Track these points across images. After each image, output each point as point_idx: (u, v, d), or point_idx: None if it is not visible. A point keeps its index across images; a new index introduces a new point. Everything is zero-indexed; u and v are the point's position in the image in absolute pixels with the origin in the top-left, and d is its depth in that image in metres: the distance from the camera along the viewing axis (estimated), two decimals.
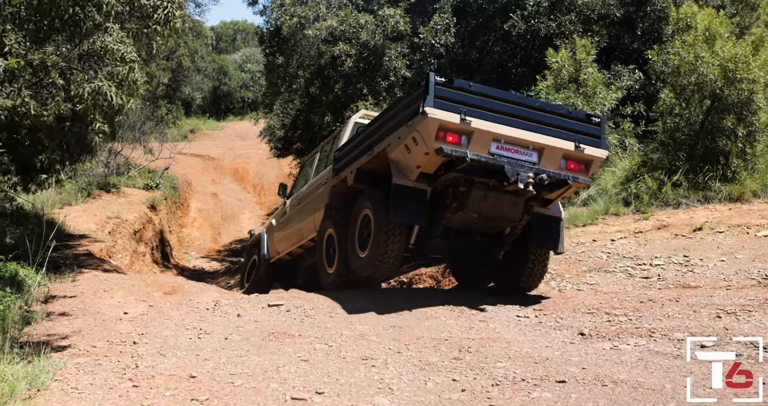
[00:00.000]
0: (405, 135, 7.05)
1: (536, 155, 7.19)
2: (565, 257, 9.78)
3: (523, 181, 6.88)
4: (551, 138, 7.22)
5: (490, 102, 7.08)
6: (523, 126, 7.13)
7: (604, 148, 7.58)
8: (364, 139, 8.03)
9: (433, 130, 6.76)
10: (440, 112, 6.72)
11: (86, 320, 7.07)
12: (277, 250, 10.73)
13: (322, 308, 7.66)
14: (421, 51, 15.46)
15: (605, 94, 13.07)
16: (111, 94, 5.71)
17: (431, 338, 6.35)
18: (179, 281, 9.62)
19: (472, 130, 6.87)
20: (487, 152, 6.98)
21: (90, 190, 16.70)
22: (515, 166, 6.97)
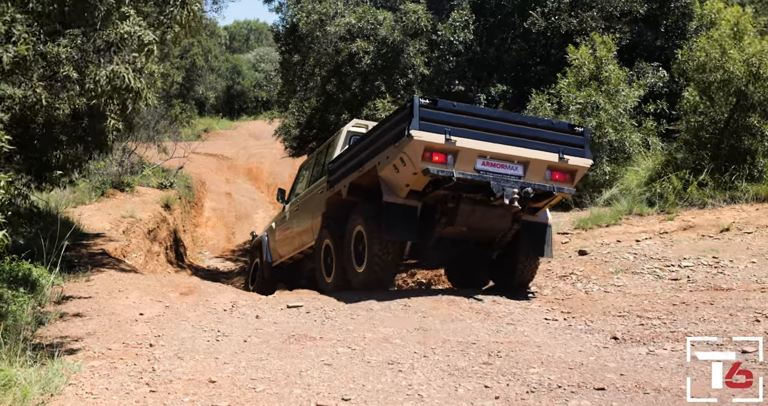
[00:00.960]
0: (393, 155, 7.24)
1: (521, 168, 7.42)
2: (591, 258, 9.53)
3: (508, 197, 7.10)
4: (535, 151, 7.41)
5: (474, 120, 7.29)
6: (507, 141, 7.33)
7: (588, 158, 7.75)
8: (355, 154, 8.18)
9: (419, 152, 6.97)
10: (425, 134, 6.92)
11: (101, 321, 6.88)
12: (279, 253, 10.84)
13: (342, 309, 7.44)
14: (439, 48, 15.23)
15: (628, 92, 12.79)
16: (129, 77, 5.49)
17: (458, 342, 6.11)
18: (195, 281, 9.43)
19: (458, 149, 7.09)
20: (473, 169, 7.22)
21: (104, 189, 16.54)
22: (501, 182, 7.19)
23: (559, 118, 12.57)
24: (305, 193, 10.10)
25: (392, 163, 7.26)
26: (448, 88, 15.58)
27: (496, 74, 15.49)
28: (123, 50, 6.13)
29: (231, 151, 32.00)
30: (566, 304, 7.72)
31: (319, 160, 9.96)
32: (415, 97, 7.06)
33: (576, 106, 12.56)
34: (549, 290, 8.55)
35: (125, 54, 6.17)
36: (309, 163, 10.67)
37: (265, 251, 11.17)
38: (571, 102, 12.64)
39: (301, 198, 10.21)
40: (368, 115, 14.49)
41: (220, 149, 32.09)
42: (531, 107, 13.22)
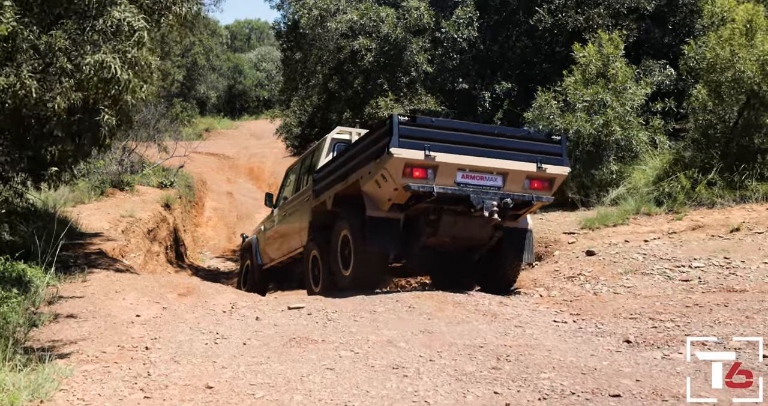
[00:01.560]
0: (375, 171, 7.40)
1: (501, 179, 7.63)
2: (599, 258, 9.31)
3: (488, 209, 7.32)
4: (514, 162, 7.63)
5: (453, 135, 7.46)
6: (486, 153, 7.53)
7: (566, 166, 8.02)
8: (339, 166, 8.38)
9: (400, 168, 7.15)
10: (405, 151, 7.10)
11: (96, 323, 6.67)
12: (269, 256, 11.02)
13: (345, 311, 7.22)
14: (443, 46, 15.02)
15: (635, 90, 12.56)
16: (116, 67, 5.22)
17: (465, 345, 5.89)
18: (194, 281, 9.22)
19: (437, 164, 7.26)
20: (453, 182, 7.41)
21: (103, 188, 16.32)
22: (480, 195, 7.40)
23: (566, 116, 12.38)
24: (293, 198, 10.22)
25: (374, 178, 7.42)
26: (451, 86, 15.37)
27: (501, 72, 15.28)
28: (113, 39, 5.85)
29: (232, 151, 31.79)
30: (575, 305, 7.49)
31: (305, 166, 10.08)
32: (394, 115, 7.17)
33: (583, 104, 12.34)
34: (557, 292, 8.33)
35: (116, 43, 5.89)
36: (295, 167, 10.75)
37: (255, 254, 11.36)
38: (578, 100, 12.43)
39: (289, 203, 10.32)
40: (370, 114, 14.30)
41: (221, 149, 31.88)
42: (536, 105, 13.02)
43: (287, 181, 10.95)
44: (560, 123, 12.32)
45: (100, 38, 6.37)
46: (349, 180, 7.92)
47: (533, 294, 8.36)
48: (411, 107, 14.44)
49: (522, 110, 14.18)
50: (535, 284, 8.73)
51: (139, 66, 6.55)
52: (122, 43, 5.87)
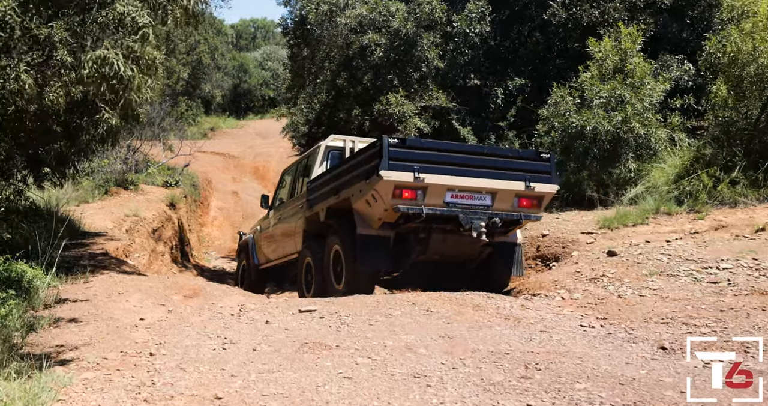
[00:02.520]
0: (365, 191, 7.49)
1: (489, 198, 7.73)
2: (622, 259, 8.94)
3: (476, 230, 7.46)
4: (503, 181, 7.73)
5: (442, 156, 7.54)
6: (475, 174, 7.61)
7: (554, 183, 8.11)
8: (332, 179, 8.50)
9: (389, 190, 7.24)
10: (395, 174, 7.18)
11: (98, 327, 6.33)
12: (266, 256, 11.14)
13: (359, 314, 6.86)
14: (454, 41, 14.65)
15: (653, 86, 12.19)
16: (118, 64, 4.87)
17: (489, 352, 5.53)
18: (200, 283, 8.87)
19: (426, 186, 7.34)
20: (443, 202, 7.50)
21: (107, 187, 16.05)
22: (469, 215, 7.50)
23: (582, 112, 12.02)
24: (288, 202, 10.33)
25: (365, 198, 7.53)
26: (463, 83, 15.01)
27: (513, 68, 14.90)
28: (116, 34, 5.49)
29: (238, 150, 31.49)
30: (600, 309, 7.13)
31: (300, 170, 10.21)
32: (384, 138, 7.21)
33: (600, 100, 11.96)
34: (579, 294, 7.96)
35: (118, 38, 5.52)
36: (290, 169, 10.84)
37: (252, 253, 11.50)
38: (595, 96, 12.05)
39: (284, 207, 10.44)
40: (380, 110, 13.94)
41: (226, 148, 31.58)
42: (552, 101, 12.66)
43: (282, 183, 11.01)
44: (577, 119, 11.96)
45: (102, 32, 6.03)
46: (340, 195, 8.03)
47: (554, 296, 7.99)
48: (422, 104, 14.09)
49: (536, 107, 13.82)
50: (556, 285, 8.36)
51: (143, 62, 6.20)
52: (125, 39, 5.50)
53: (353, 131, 14.75)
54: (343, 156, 9.36)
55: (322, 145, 9.65)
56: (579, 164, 12.41)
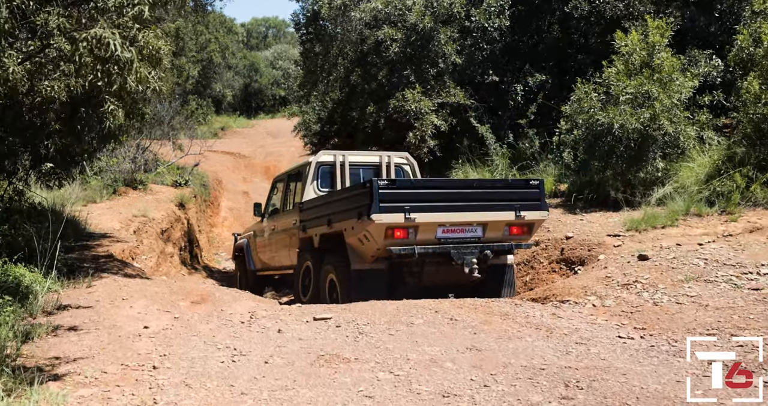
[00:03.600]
0: (357, 229, 7.54)
1: (480, 230, 7.82)
2: (654, 263, 8.43)
3: (468, 266, 7.54)
4: (493, 212, 7.81)
5: (432, 194, 7.63)
6: (465, 208, 7.69)
7: (544, 210, 8.14)
8: (324, 207, 8.60)
9: (381, 232, 7.30)
10: (386, 216, 7.23)
11: (99, 336, 5.89)
12: (262, 263, 11.21)
13: (378, 323, 6.40)
14: (472, 36, 14.14)
15: (682, 81, 11.64)
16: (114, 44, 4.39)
17: (522, 366, 5.06)
18: (209, 288, 8.42)
19: (418, 225, 7.41)
20: (434, 237, 7.58)
21: (116, 186, 15.65)
22: (460, 250, 7.60)
23: (608, 109, 11.49)
24: (281, 214, 10.31)
25: (357, 236, 7.59)
26: (481, 79, 14.50)
27: (533, 63, 14.36)
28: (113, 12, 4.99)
29: (248, 150, 31.07)
30: (637, 318, 6.64)
31: (291, 182, 10.17)
32: (374, 180, 7.27)
33: (626, 97, 11.43)
34: (612, 301, 7.45)
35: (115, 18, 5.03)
36: (282, 177, 10.76)
37: (248, 258, 11.54)
38: (621, 92, 11.52)
39: (277, 219, 10.41)
40: (396, 107, 13.46)
41: (237, 147, 31.17)
42: (575, 98, 12.13)
43: (275, 191, 10.96)
44: (602, 117, 11.43)
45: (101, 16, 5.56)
46: (333, 226, 8.17)
47: (585, 303, 7.49)
48: (439, 101, 13.59)
49: (557, 104, 13.32)
50: (586, 291, 7.86)
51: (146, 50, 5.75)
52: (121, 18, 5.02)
53: (368, 129, 14.31)
54: (334, 171, 9.47)
55: (313, 161, 9.57)
56: (603, 163, 11.89)
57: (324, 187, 9.55)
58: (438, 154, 13.76)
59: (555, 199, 12.79)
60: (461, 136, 14.27)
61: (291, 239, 9.66)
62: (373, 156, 10.16)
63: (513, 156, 13.89)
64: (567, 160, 12.84)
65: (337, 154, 9.77)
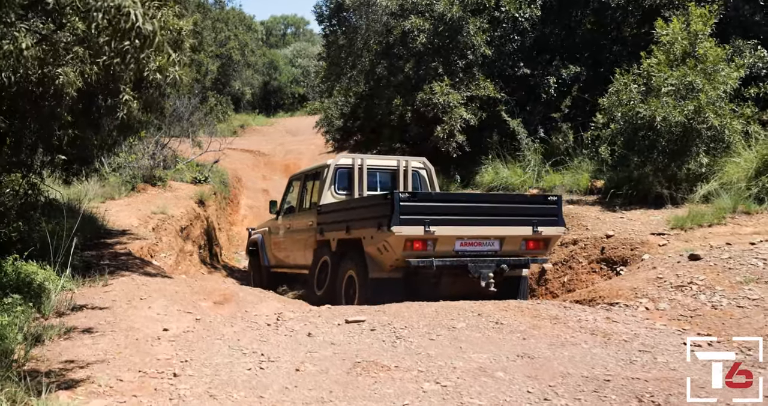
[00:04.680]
0: (377, 239, 7.58)
1: (498, 243, 7.85)
2: (708, 264, 7.85)
3: (485, 280, 7.57)
4: (510, 227, 7.84)
5: (452, 207, 7.65)
6: (483, 222, 7.72)
7: (561, 226, 8.17)
8: (342, 212, 8.69)
9: (401, 244, 7.34)
10: (406, 228, 7.27)
11: (115, 339, 5.42)
12: (276, 259, 11.16)
13: (416, 326, 5.89)
14: (502, 26, 13.56)
15: (728, 72, 11.01)
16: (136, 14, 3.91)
17: (583, 377, 4.53)
18: (231, 287, 7.94)
19: (437, 238, 7.45)
20: (452, 250, 7.63)
21: (134, 183, 15.27)
22: (478, 264, 7.63)
23: (649, 101, 10.89)
24: (297, 214, 10.26)
25: (376, 245, 7.64)
26: (511, 71, 13.93)
27: (566, 55, 13.77)
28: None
29: (268, 147, 30.66)
30: (699, 322, 6.08)
31: (308, 183, 10.12)
32: (396, 193, 7.31)
33: (668, 88, 10.83)
34: (666, 304, 6.88)
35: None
36: (299, 176, 10.73)
37: (262, 255, 11.47)
38: (663, 83, 10.91)
39: (294, 219, 10.35)
40: (423, 100, 12.93)
41: (256, 145, 30.79)
42: (613, 90, 11.53)
43: (291, 189, 10.91)
44: (643, 109, 10.83)
45: None
46: (351, 233, 8.21)
47: (637, 306, 6.92)
48: (468, 94, 13.04)
49: (592, 97, 12.73)
50: (636, 293, 7.29)
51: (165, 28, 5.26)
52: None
53: (393, 123, 13.79)
54: (352, 175, 9.49)
55: (331, 164, 9.55)
56: (643, 159, 11.29)
57: (341, 190, 9.57)
58: (467, 149, 13.21)
59: (591, 197, 12.21)
60: (490, 131, 13.72)
61: (307, 240, 9.64)
62: (390, 160, 10.13)
63: (545, 151, 13.32)
64: (603, 156, 12.24)
65: (356, 157, 9.75)
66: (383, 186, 9.80)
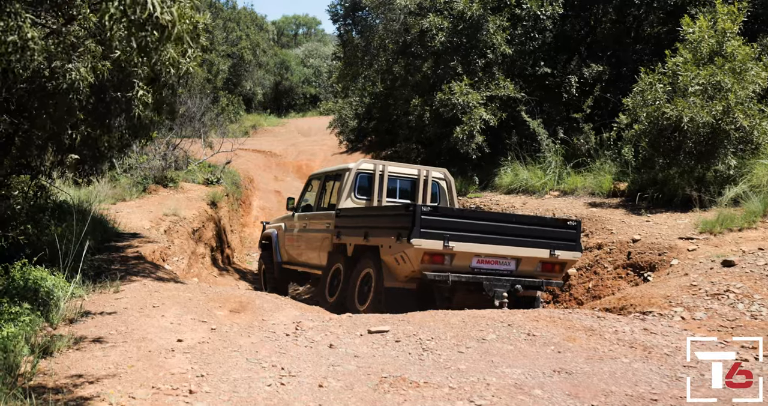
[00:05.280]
0: (395, 249, 7.56)
1: (514, 263, 7.85)
2: (743, 270, 7.51)
3: (499, 299, 7.55)
4: (528, 248, 7.83)
5: (471, 224, 7.62)
6: (501, 241, 7.72)
7: (578, 251, 8.13)
8: (361, 219, 8.74)
9: (419, 257, 7.34)
10: (425, 242, 7.26)
11: (126, 351, 5.14)
12: (289, 256, 11.15)
13: (443, 337, 5.59)
14: (523, 24, 13.23)
15: (757, 71, 10.65)
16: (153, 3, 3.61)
17: (628, 396, 4.21)
18: (248, 294, 7.64)
19: (454, 253, 7.47)
20: (468, 267, 7.61)
21: (146, 184, 15.09)
22: (493, 282, 7.61)
23: (676, 101, 10.54)
24: (314, 214, 10.22)
25: (393, 255, 7.61)
26: (532, 70, 13.58)
27: (588, 54, 13.42)
28: None
29: (280, 148, 30.42)
30: (741, 333, 5.74)
31: (326, 186, 10.16)
32: (418, 206, 7.30)
33: (695, 88, 10.48)
34: (703, 313, 6.55)
35: None
36: (319, 176, 10.72)
37: (275, 251, 11.43)
38: (690, 82, 10.56)
39: (311, 217, 10.31)
40: (442, 100, 12.62)
41: (268, 146, 30.54)
42: (638, 90, 11.19)
43: (309, 188, 10.91)
44: (669, 110, 10.49)
45: None
46: (370, 240, 8.20)
47: (672, 316, 6.59)
48: (488, 93, 12.71)
49: (615, 96, 12.39)
50: (670, 302, 6.95)
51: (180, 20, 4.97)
52: None
53: (411, 123, 13.48)
54: (373, 181, 9.53)
55: (353, 169, 9.56)
56: (668, 160, 10.96)
57: (361, 195, 9.60)
58: (486, 150, 12.88)
59: (614, 199, 11.88)
60: (509, 132, 13.39)
61: (322, 241, 9.62)
62: (411, 169, 10.09)
63: (566, 153, 12.98)
64: (627, 157, 11.90)
65: (377, 163, 9.75)
66: (402, 194, 9.84)
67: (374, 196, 9.46)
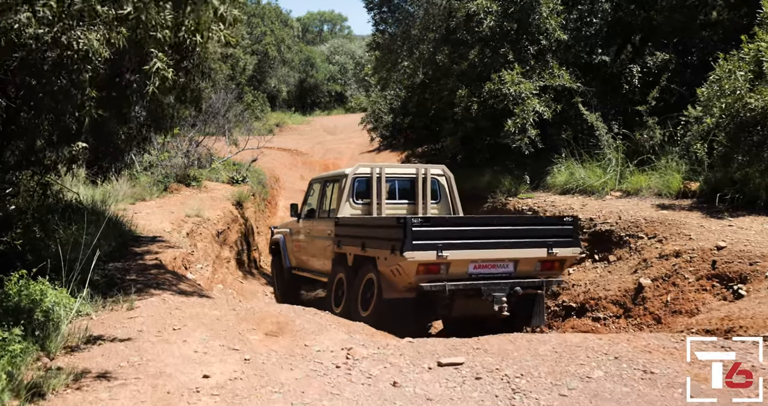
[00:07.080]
0: (390, 261, 7.46)
1: (512, 265, 7.74)
2: None
3: (498, 304, 7.47)
4: (525, 249, 7.72)
5: (466, 231, 7.55)
6: (498, 245, 7.61)
7: (577, 247, 8.03)
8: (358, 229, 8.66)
9: (413, 269, 7.24)
10: (418, 254, 7.15)
11: (139, 391, 4.06)
12: (297, 261, 11.13)
13: (536, 374, 4.44)
14: (578, 8, 12.02)
15: None
16: None
17: None
18: (285, 311, 6.49)
19: (449, 262, 7.36)
20: (466, 273, 7.51)
21: (167, 183, 14.17)
22: (491, 287, 7.51)
23: (759, 90, 9.30)
24: (316, 220, 10.22)
25: (389, 268, 7.52)
26: (589, 59, 12.37)
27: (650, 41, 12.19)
28: None
29: (306, 146, 29.44)
30: None
31: (326, 190, 10.15)
32: (408, 218, 7.18)
33: None
34: None
35: None
36: (319, 180, 10.76)
37: (284, 256, 11.43)
38: None
39: (313, 222, 10.32)
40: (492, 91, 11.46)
41: (293, 144, 29.60)
42: (714, 78, 9.94)
43: (311, 192, 10.87)
44: (753, 100, 9.25)
45: None
46: (367, 251, 8.14)
47: None
48: (541, 83, 11.52)
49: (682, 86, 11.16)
50: None
51: None
52: None
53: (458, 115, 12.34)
54: (371, 184, 9.49)
55: (349, 175, 9.53)
56: (750, 157, 9.72)
57: (360, 199, 9.59)
58: (539, 145, 11.71)
59: (685, 200, 10.63)
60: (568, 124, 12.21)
61: (326, 249, 9.61)
62: (409, 168, 10.09)
63: (627, 149, 11.77)
64: (699, 154, 10.67)
65: (374, 166, 9.73)
66: (402, 194, 9.83)
67: (373, 199, 9.46)
